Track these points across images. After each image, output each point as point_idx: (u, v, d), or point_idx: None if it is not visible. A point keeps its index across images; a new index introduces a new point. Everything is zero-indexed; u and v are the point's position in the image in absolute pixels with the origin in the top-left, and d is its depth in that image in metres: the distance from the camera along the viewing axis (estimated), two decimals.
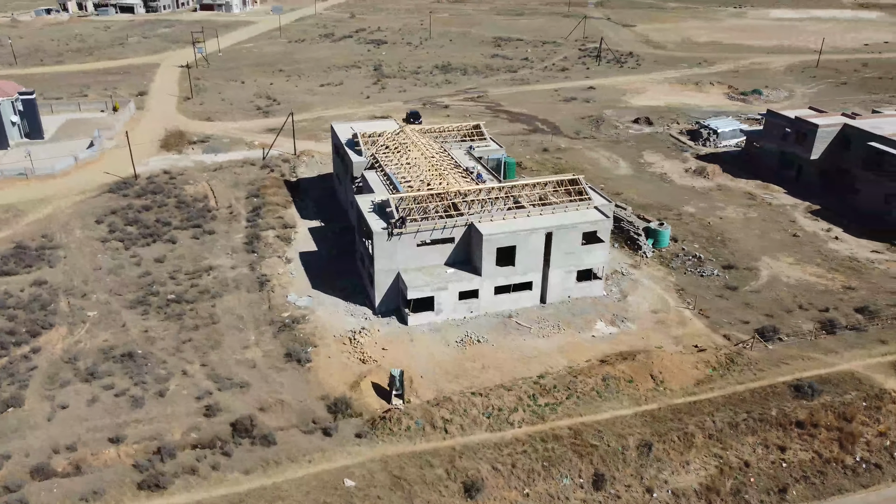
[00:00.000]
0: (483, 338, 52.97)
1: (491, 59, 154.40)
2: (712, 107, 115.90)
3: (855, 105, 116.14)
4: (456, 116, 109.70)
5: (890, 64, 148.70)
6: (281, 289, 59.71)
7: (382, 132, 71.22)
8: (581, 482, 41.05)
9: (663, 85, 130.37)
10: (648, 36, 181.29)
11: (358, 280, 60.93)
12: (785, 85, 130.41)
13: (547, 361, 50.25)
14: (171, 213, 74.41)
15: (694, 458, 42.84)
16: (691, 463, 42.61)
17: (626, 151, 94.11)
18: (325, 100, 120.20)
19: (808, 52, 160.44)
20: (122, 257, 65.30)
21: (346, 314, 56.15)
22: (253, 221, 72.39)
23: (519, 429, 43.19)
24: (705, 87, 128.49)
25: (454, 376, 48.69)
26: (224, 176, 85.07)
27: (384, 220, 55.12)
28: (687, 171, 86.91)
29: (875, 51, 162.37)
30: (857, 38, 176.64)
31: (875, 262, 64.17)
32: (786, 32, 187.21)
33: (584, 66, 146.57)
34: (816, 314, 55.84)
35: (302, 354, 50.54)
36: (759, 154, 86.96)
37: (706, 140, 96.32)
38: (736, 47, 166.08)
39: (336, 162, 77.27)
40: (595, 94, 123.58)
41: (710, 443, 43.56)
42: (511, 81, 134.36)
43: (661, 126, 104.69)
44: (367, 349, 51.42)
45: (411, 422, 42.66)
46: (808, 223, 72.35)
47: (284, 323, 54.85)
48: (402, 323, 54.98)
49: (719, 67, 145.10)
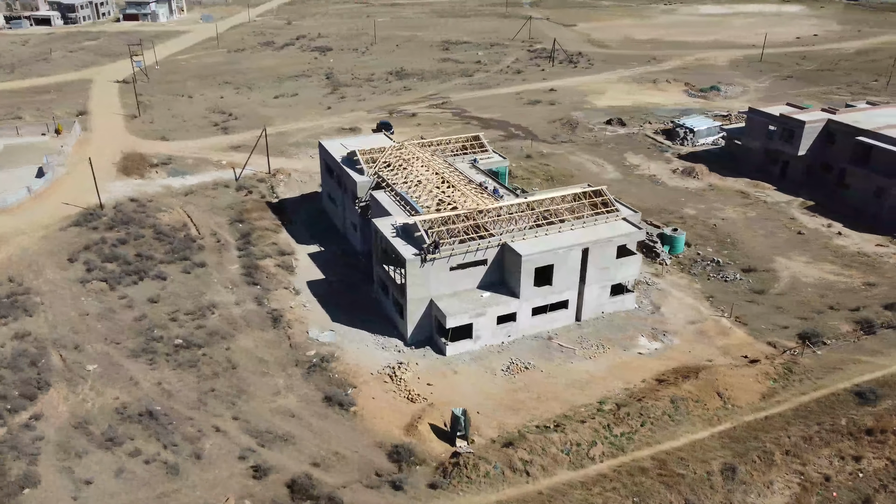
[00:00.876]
0: (529, 363, 50.39)
1: (443, 63, 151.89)
2: (676, 105, 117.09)
3: (807, 98, 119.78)
4: (426, 125, 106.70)
5: (824, 56, 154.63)
6: (298, 324, 55.38)
7: (381, 148, 67.53)
8: None
9: (621, 84, 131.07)
10: (591, 35, 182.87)
11: (379, 309, 57.25)
12: (736, 80, 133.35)
13: (602, 385, 48.15)
14: (151, 246, 68.45)
15: (776, 476, 41.56)
16: (775, 483, 41.30)
17: (608, 154, 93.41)
18: (283, 112, 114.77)
19: (745, 46, 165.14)
20: (110, 299, 59.31)
21: (377, 348, 52.46)
22: (245, 250, 67.37)
23: (601, 463, 40.86)
24: (662, 85, 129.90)
25: (512, 409, 45.91)
26: (199, 201, 79.28)
27: (412, 244, 51.74)
28: (674, 171, 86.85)
29: (808, 44, 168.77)
30: (788, 32, 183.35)
31: (884, 257, 65.21)
32: (716, 28, 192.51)
33: (538, 68, 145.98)
34: (848, 314, 55.94)
35: (343, 397, 46.65)
36: (743, 151, 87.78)
37: (683, 139, 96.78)
38: (676, 44, 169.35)
39: (328, 182, 72.98)
40: (557, 95, 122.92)
41: (789, 459, 42.41)
42: (470, 86, 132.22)
43: (635, 126, 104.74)
44: (412, 385, 47.99)
45: (488, 466, 39.65)
46: (808, 220, 73.14)
47: (312, 363, 50.70)
48: (438, 353, 51.77)
49: (668, 65, 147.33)
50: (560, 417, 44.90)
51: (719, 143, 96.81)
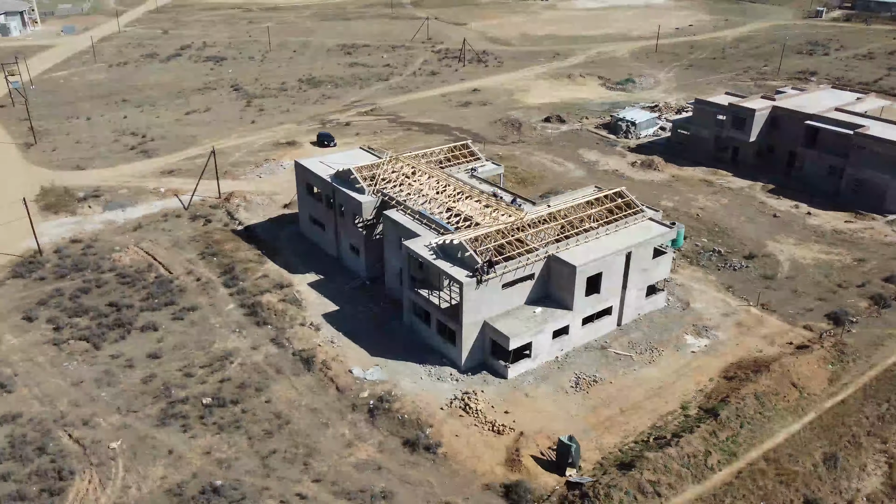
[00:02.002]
0: (595, 376, 49.07)
1: (351, 68, 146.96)
2: (601, 99, 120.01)
3: (717, 84, 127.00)
4: (365, 133, 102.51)
5: (709, 45, 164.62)
6: (336, 364, 50.73)
7: (375, 164, 63.45)
8: None
9: (540, 81, 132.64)
10: (488, 33, 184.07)
11: (415, 337, 53.66)
12: (644, 71, 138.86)
13: (676, 389, 47.74)
14: (121, 293, 60.55)
15: (866, 459, 42.84)
16: (867, 464, 42.56)
17: (563, 152, 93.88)
18: (204, 130, 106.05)
19: (636, 38, 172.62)
20: (100, 361, 51.63)
21: (432, 379, 49.08)
22: (234, 286, 61.13)
23: (720, 472, 40.26)
24: (578, 80, 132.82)
25: (603, 428, 44.39)
26: (154, 235, 71.22)
27: (459, 265, 48.74)
28: (633, 165, 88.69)
29: (689, 34, 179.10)
30: (666, 24, 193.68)
31: (857, 232, 69.81)
32: (600, 22, 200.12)
33: (450, 69, 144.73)
34: (857, 291, 59.16)
35: (425, 439, 43.09)
36: (692, 141, 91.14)
37: (626, 132, 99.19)
38: (572, 39, 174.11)
39: (310, 204, 67.68)
40: (484, 96, 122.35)
41: (871, 440, 43.90)
42: (391, 90, 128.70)
43: (575, 123, 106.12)
44: (490, 415, 45.22)
45: (621, 494, 37.86)
46: (776, 203, 76.99)
47: (371, 405, 46.53)
48: (498, 377, 49.21)
49: (574, 59, 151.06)
50: (654, 429, 44.00)
51: (659, 133, 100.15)
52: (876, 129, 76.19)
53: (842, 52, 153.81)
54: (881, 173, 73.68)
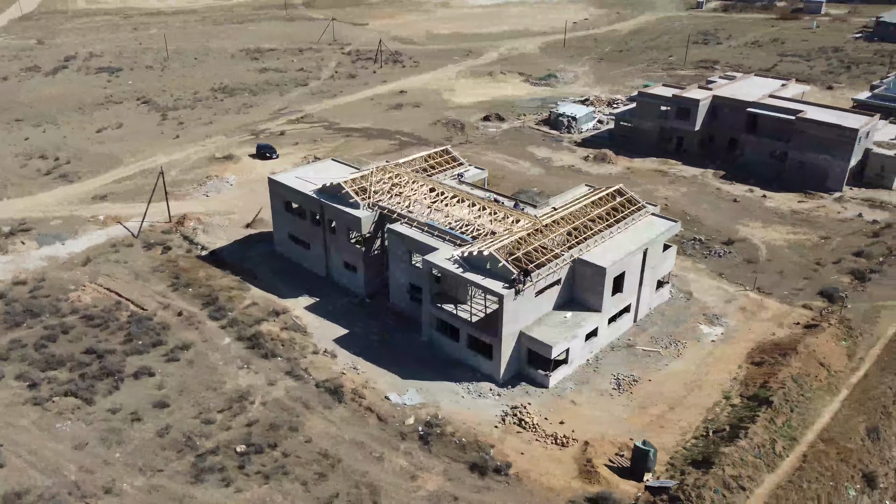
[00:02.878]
0: (632, 375, 49.21)
1: (262, 73, 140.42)
2: (530, 95, 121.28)
3: (632, 76, 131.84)
4: (305, 142, 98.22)
5: (610, 38, 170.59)
6: (369, 391, 47.90)
7: (363, 177, 60.47)
8: (857, 486, 40.94)
9: (463, 80, 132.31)
10: (391, 32, 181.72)
11: (438, 354, 51.65)
12: (558, 66, 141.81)
13: (710, 380, 48.73)
14: (95, 337, 54.48)
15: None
16: None
17: (513, 150, 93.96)
18: (123, 148, 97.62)
19: (540, 33, 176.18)
20: (100, 417, 46.10)
21: (474, 396, 47.42)
22: (223, 317, 56.51)
23: (787, 458, 41.32)
24: (499, 77, 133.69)
25: (659, 427, 44.54)
26: (108, 269, 64.67)
27: (491, 276, 47.29)
28: (586, 159, 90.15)
29: (585, 27, 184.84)
30: (562, 18, 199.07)
31: (813, 211, 74.36)
32: (498, 18, 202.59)
33: (367, 71, 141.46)
34: (834, 267, 62.88)
35: (492, 461, 41.43)
36: (636, 133, 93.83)
37: (568, 127, 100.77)
38: (477, 36, 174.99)
39: (290, 222, 63.65)
40: (413, 97, 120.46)
41: None
42: (313, 95, 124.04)
43: (514, 121, 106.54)
44: (547, 428, 44.20)
45: (711, 493, 37.95)
46: (730, 188, 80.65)
47: (420, 431, 44.27)
48: (538, 386, 48.27)
49: (489, 56, 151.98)
50: (707, 423, 44.62)
51: (598, 127, 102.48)
52: (812, 113, 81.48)
53: (731, 40, 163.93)
54: (822, 154, 78.87)
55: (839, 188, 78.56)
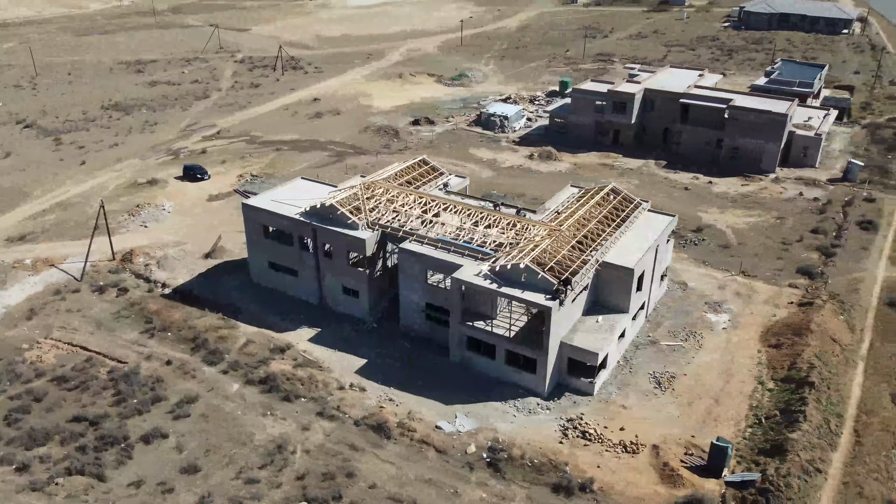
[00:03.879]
0: (667, 373, 49.77)
1: (152, 87, 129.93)
2: (449, 96, 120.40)
3: (542, 72, 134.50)
4: (232, 160, 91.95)
5: (502, 36, 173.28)
6: (417, 423, 45.22)
7: (353, 196, 57.02)
8: None
9: (375, 83, 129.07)
10: (279, 37, 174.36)
11: (470, 373, 49.76)
12: (463, 66, 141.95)
13: (739, 368, 50.28)
14: (78, 401, 48.01)
15: None
16: None
17: (456, 153, 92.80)
18: (24, 178, 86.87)
19: (434, 33, 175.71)
20: (121, 494, 40.56)
21: (525, 413, 46.17)
22: (221, 361, 51.57)
23: (842, 435, 43.34)
24: (410, 79, 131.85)
25: (713, 420, 45.31)
26: (60, 320, 57.32)
27: (529, 289, 46.09)
28: (531, 157, 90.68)
29: (472, 26, 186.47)
30: (449, 17, 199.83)
31: (758, 193, 78.96)
32: (382, 18, 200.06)
33: (269, 79, 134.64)
34: (800, 245, 66.97)
35: (573, 480, 40.35)
36: (573, 128, 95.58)
37: (501, 127, 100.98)
38: (369, 38, 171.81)
39: (272, 249, 58.88)
40: (329, 104, 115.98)
41: None
42: (219, 109, 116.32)
43: (444, 123, 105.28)
44: (612, 437, 43.71)
45: (794, 480, 38.96)
46: (676, 176, 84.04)
47: (486, 458, 42.39)
48: (580, 394, 47.69)
49: (390, 58, 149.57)
50: (755, 410, 45.93)
51: (530, 125, 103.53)
52: (741, 101, 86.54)
53: (615, 33, 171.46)
54: (755, 139, 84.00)
55: (773, 169, 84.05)
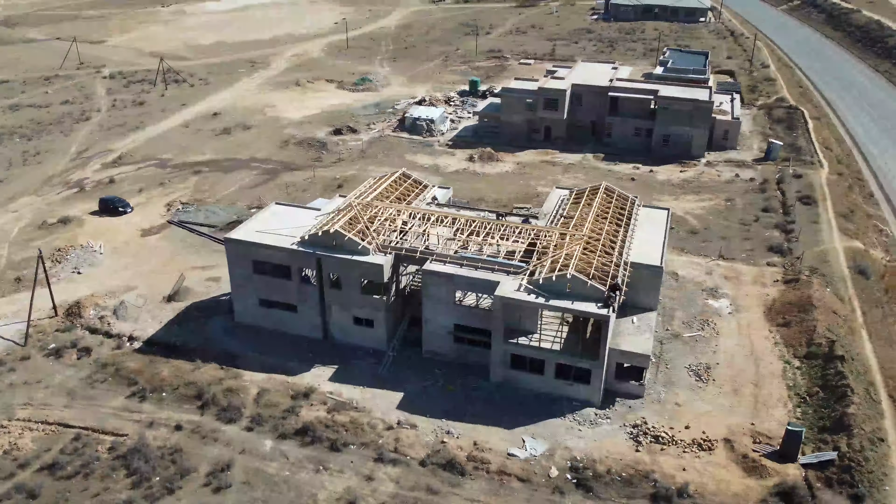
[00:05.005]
0: (701, 364, 50.68)
1: (16, 112, 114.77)
2: (358, 102, 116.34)
3: (443, 73, 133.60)
4: (149, 187, 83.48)
5: (383, 36, 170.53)
6: (487, 454, 42.77)
7: (353, 219, 52.94)
8: None
9: (275, 94, 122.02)
10: (143, 49, 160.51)
11: (515, 391, 47.96)
12: (356, 69, 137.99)
13: (760, 349, 52.24)
14: (85, 491, 41.13)
15: None
16: None
17: (392, 161, 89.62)
18: None
19: (312, 37, 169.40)
20: None
21: (588, 426, 45.23)
22: (240, 417, 46.24)
23: (883, 403, 46.05)
24: (309, 86, 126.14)
25: (760, 405, 46.69)
26: (20, 396, 49.05)
27: (577, 300, 45.11)
28: (472, 160, 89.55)
29: (350, 28, 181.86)
30: (322, 20, 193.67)
31: (699, 178, 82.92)
32: (249, 23, 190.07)
33: (151, 95, 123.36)
34: (758, 225, 70.89)
35: (670, 489, 39.90)
36: (505, 127, 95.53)
37: (429, 131, 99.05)
38: (246, 45, 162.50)
39: (264, 284, 53.40)
40: (233, 119, 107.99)
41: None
42: (108, 131, 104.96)
43: (369, 131, 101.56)
44: (683, 437, 43.81)
45: (869, 453, 40.83)
46: (618, 168, 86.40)
47: (573, 480, 41.02)
48: (630, 398, 47.43)
49: (277, 66, 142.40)
50: (794, 388, 47.86)
51: (455, 127, 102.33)
52: (666, 91, 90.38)
53: (495, 30, 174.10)
54: (683, 127, 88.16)
55: (702, 154, 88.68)
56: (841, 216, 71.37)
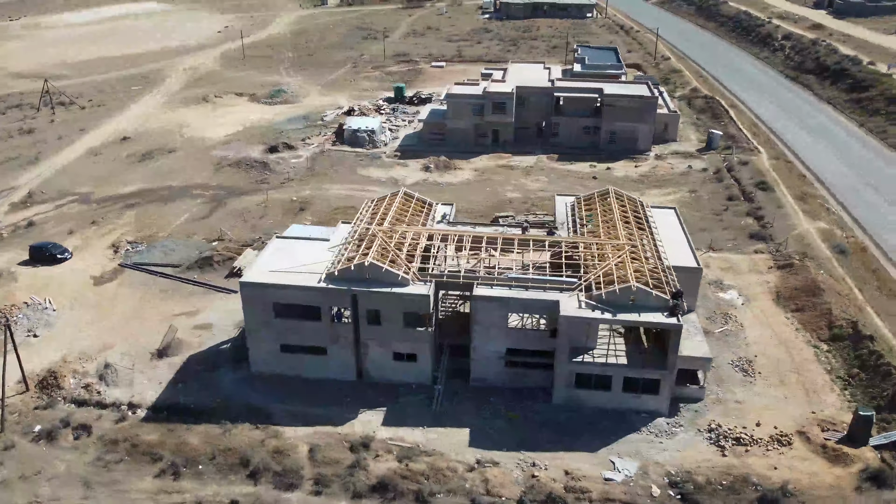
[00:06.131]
0: (742, 359, 51.51)
1: None
2: (279, 116, 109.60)
3: (359, 80, 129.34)
4: (80, 227, 74.33)
5: (279, 43, 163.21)
6: (584, 482, 40.99)
7: (379, 248, 49.09)
8: None
9: (184, 111, 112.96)
10: (7, 67, 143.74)
11: (583, 411, 46.54)
12: (260, 79, 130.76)
13: (786, 336, 53.95)
14: None
15: None
16: None
17: (345, 177, 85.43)
18: None
19: (196, 49, 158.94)
20: None
21: (667, 437, 44.65)
22: (303, 479, 41.80)
23: None
24: (218, 102, 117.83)
25: (810, 392, 48.14)
26: (20, 494, 41.65)
27: (643, 311, 44.42)
28: (428, 170, 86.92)
29: (234, 37, 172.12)
30: (202, 28, 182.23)
31: (655, 172, 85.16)
32: (117, 35, 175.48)
33: (40, 121, 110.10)
34: (729, 214, 73.60)
35: (774, 490, 40.03)
36: (452, 133, 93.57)
37: (371, 143, 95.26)
38: (131, 59, 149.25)
39: (293, 329, 48.38)
40: (148, 142, 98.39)
41: None
42: (9, 167, 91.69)
43: (307, 147, 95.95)
44: (760, 433, 44.24)
45: None
46: (574, 167, 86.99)
47: (678, 496, 40.23)
48: (693, 402, 47.38)
49: (174, 81, 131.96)
50: (833, 370, 49.79)
51: (397, 136, 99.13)
52: (609, 88, 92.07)
53: (393, 33, 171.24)
54: (629, 122, 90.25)
55: (648, 148, 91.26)
56: (798, 199, 75.74)
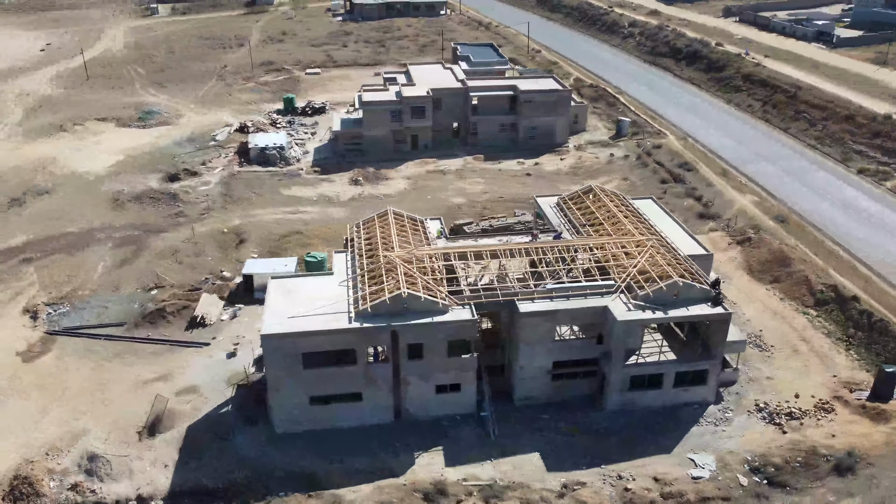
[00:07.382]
0: (752, 334, 53.52)
1: None
2: (164, 139, 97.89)
3: (237, 93, 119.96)
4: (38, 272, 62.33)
5: (122, 61, 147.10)
6: (672, 487, 40.33)
7: (402, 278, 45.02)
8: None
9: (41, 145, 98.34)
10: None
11: (637, 413, 46.00)
12: (125, 101, 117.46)
13: (776, 306, 56.91)
14: None
15: None
16: None
17: (270, 201, 78.46)
18: None
19: (18, 72, 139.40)
20: None
21: (727, 424, 45.45)
22: None
23: None
24: (84, 130, 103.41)
25: (823, 356, 51.06)
26: None
27: (685, 306, 44.69)
28: (358, 183, 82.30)
29: (65, 56, 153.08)
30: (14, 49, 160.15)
31: (582, 164, 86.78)
32: None
33: None
34: (670, 196, 76.40)
35: (844, 457, 41.80)
36: (370, 142, 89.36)
37: (283, 159, 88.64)
38: None
39: (328, 377, 43.12)
40: (14, 184, 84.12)
41: None
42: None
43: (211, 172, 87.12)
44: (805, 405, 46.16)
45: None
46: (504, 166, 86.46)
47: (765, 482, 41.01)
48: (730, 385, 48.58)
49: (10, 111, 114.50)
50: (832, 334, 53.19)
51: (307, 151, 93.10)
52: (522, 85, 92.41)
53: (247, 41, 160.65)
54: (545, 117, 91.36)
55: (566, 141, 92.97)
56: (720, 175, 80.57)
